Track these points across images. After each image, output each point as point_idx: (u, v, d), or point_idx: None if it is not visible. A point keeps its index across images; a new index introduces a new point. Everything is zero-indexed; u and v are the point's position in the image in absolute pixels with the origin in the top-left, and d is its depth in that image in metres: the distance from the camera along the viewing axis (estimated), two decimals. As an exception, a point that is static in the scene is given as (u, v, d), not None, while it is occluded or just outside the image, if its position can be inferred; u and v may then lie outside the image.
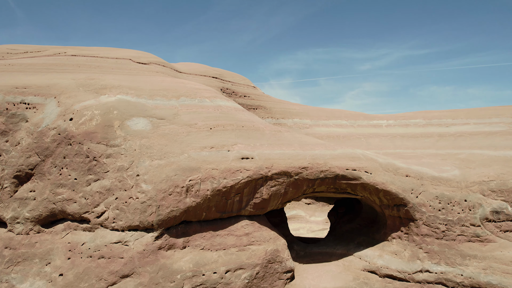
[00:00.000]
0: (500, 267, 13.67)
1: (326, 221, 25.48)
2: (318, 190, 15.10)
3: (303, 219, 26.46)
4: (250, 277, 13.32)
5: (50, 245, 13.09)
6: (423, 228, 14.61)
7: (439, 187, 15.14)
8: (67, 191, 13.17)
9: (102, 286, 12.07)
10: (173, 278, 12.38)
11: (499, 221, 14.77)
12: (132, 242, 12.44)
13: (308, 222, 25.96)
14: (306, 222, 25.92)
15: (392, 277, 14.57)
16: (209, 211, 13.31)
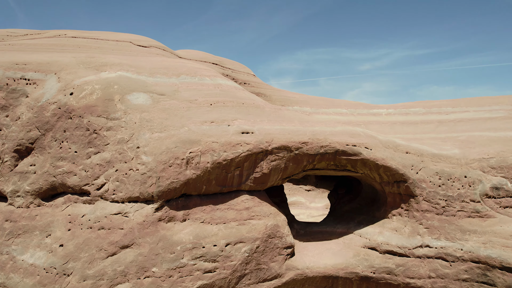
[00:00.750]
0: (500, 241, 13.69)
1: (326, 207, 25.54)
2: (319, 167, 15.10)
3: (303, 205, 26.47)
4: (250, 251, 13.32)
5: (50, 217, 13.09)
6: (423, 204, 14.62)
7: (439, 163, 15.15)
8: (67, 164, 13.17)
9: (102, 256, 12.08)
10: (173, 249, 12.38)
11: (499, 197, 14.80)
12: (132, 214, 12.44)
13: (308, 208, 25.98)
14: (306, 208, 25.93)
15: (392, 253, 14.58)
16: (209, 185, 13.32)
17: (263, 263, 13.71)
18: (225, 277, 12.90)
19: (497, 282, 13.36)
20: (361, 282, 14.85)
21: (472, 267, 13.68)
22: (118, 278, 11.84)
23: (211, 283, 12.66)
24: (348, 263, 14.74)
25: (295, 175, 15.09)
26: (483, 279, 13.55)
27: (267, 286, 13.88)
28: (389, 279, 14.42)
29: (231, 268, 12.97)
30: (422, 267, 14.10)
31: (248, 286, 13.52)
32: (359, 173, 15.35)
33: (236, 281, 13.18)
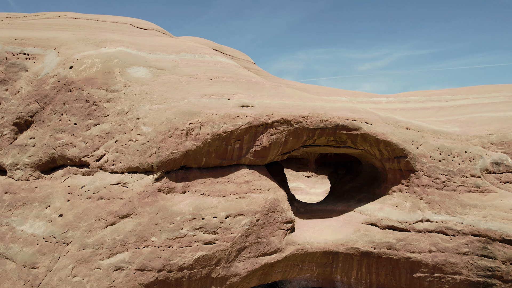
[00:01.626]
0: (500, 214, 13.65)
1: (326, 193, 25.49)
2: (319, 143, 15.06)
3: (303, 191, 26.42)
4: (250, 224, 13.28)
5: (49, 189, 13.05)
6: (423, 179, 14.58)
7: (440, 139, 15.12)
8: (67, 136, 13.14)
9: (101, 226, 12.03)
10: (173, 219, 12.34)
11: (499, 172, 14.76)
12: (131, 184, 12.40)
13: (308, 194, 25.94)
14: (306, 194, 25.88)
15: (393, 228, 14.54)
16: (209, 157, 13.27)
17: (263, 237, 13.66)
18: (224, 249, 12.85)
19: (497, 255, 13.31)
20: (361, 258, 14.81)
21: (472, 241, 13.63)
22: (117, 247, 11.79)
23: (211, 255, 12.61)
24: (348, 238, 14.69)
25: (295, 150, 15.04)
26: (484, 252, 13.50)
27: (267, 260, 13.83)
28: (389, 254, 14.37)
29: (231, 240, 12.92)
30: (422, 241, 14.06)
31: (248, 259, 13.47)
32: (359, 149, 15.30)
33: (236, 253, 13.13)
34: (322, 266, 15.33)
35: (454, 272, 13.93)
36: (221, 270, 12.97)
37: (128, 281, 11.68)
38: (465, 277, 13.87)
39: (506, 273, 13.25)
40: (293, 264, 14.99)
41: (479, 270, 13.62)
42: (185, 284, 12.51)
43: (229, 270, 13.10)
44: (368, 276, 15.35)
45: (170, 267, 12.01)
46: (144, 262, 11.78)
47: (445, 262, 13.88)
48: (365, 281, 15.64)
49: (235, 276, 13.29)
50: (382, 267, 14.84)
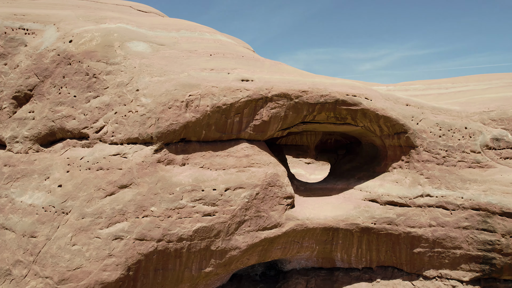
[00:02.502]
0: (500, 188, 13.63)
1: (326, 180, 25.45)
2: (319, 119, 15.03)
3: (303, 177, 26.37)
4: (250, 197, 13.24)
5: (49, 162, 13.02)
6: (423, 154, 14.56)
7: (440, 115, 15.11)
8: (66, 108, 13.11)
9: (100, 196, 12.00)
10: (172, 190, 12.31)
11: (499, 148, 14.75)
12: (131, 154, 12.37)
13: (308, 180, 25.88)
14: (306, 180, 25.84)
15: (393, 203, 14.51)
16: (208, 130, 13.24)
17: (263, 211, 13.63)
18: (224, 221, 12.81)
19: (497, 228, 13.29)
20: (361, 234, 14.78)
21: (472, 215, 13.61)
22: (116, 217, 11.76)
23: (210, 226, 12.58)
24: (348, 214, 14.66)
25: (295, 126, 15.01)
26: (483, 226, 13.48)
27: (267, 235, 13.80)
28: (389, 229, 14.34)
29: (230, 213, 12.89)
30: (422, 216, 14.03)
31: (248, 233, 13.43)
32: (359, 126, 15.27)
33: (236, 226, 13.10)
34: (322, 243, 15.29)
35: (454, 247, 13.91)
36: (221, 243, 12.93)
37: (127, 250, 11.64)
38: (465, 251, 13.85)
39: (506, 246, 13.22)
40: (293, 241, 14.95)
41: (479, 244, 13.60)
42: (185, 255, 12.48)
43: (228, 243, 13.06)
44: (369, 253, 15.32)
45: (169, 237, 11.98)
46: (143, 231, 11.74)
47: (445, 237, 13.85)
48: (365, 259, 15.60)
49: (235, 249, 13.26)
50: (383, 243, 14.81)
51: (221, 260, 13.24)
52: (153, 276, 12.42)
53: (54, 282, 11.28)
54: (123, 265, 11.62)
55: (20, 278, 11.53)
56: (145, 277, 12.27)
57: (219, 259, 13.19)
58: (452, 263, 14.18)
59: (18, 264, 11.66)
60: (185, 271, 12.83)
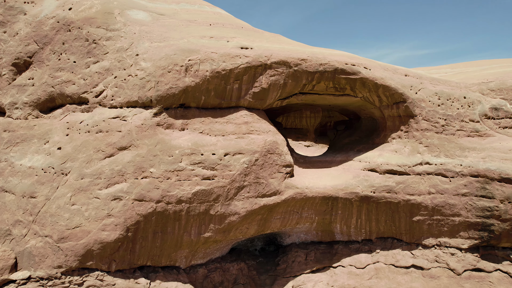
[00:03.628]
0: (499, 155, 13.66)
1: (325, 163, 25.44)
2: (318, 90, 15.05)
3: (302, 160, 26.38)
4: (249, 163, 13.26)
5: (48, 127, 13.04)
6: (422, 123, 14.58)
7: (439, 86, 15.14)
8: (66, 74, 13.13)
9: (99, 157, 12.02)
10: (171, 152, 12.32)
11: (498, 118, 14.78)
12: (130, 117, 12.39)
13: (307, 162, 25.91)
14: (305, 163, 25.85)
15: (392, 172, 14.53)
16: (208, 96, 13.27)
17: (262, 177, 13.64)
18: (223, 186, 12.82)
19: (496, 194, 13.31)
20: (361, 203, 14.79)
21: (471, 181, 13.63)
22: (115, 178, 11.77)
23: (210, 190, 12.59)
24: (348, 183, 14.68)
25: (294, 96, 15.03)
26: (482, 193, 13.50)
27: (266, 202, 13.80)
28: (389, 198, 14.36)
29: (229, 178, 12.90)
30: (422, 183, 14.05)
31: (247, 199, 13.44)
32: (358, 97, 15.30)
33: (235, 192, 13.11)
34: (322, 213, 15.30)
35: (453, 214, 13.93)
36: (220, 208, 12.95)
37: (126, 210, 11.66)
38: (464, 219, 13.86)
39: (505, 212, 13.24)
40: (292, 211, 14.96)
41: (477, 210, 13.61)
42: (184, 218, 12.49)
43: (228, 208, 13.07)
44: (368, 224, 15.33)
45: (168, 199, 11.99)
46: (142, 192, 11.76)
47: (444, 204, 13.87)
48: (364, 230, 15.61)
49: (234, 215, 13.27)
50: (382, 213, 14.83)
51: (220, 226, 13.25)
52: (152, 239, 12.43)
53: (54, 241, 11.29)
54: (122, 225, 11.63)
55: (20, 238, 11.54)
56: (144, 239, 12.28)
57: (218, 224, 13.20)
58: (451, 231, 14.19)
59: (18, 224, 11.67)
60: (184, 235, 12.84)
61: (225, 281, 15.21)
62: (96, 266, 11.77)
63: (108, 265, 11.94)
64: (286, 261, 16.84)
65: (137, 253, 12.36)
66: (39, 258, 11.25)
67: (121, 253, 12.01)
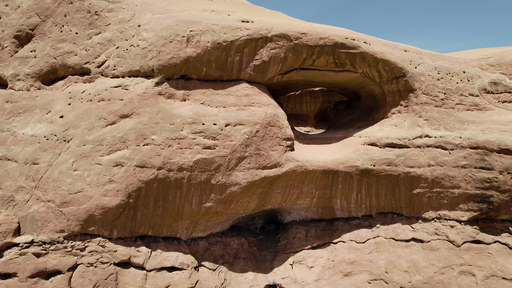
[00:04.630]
0: (498, 127, 13.75)
1: (326, 148, 25.48)
2: (318, 65, 15.14)
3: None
4: (250, 134, 13.34)
5: (50, 97, 13.12)
6: (422, 97, 14.67)
7: (438, 61, 15.23)
8: (68, 45, 13.22)
9: (101, 125, 12.10)
10: (173, 121, 12.41)
11: (497, 92, 14.88)
12: (132, 86, 12.48)
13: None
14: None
15: (392, 145, 14.61)
16: (209, 67, 13.36)
17: (263, 149, 13.72)
18: (224, 156, 12.90)
19: (495, 166, 13.39)
20: (361, 177, 14.87)
21: (470, 153, 13.71)
22: (117, 144, 11.85)
23: (211, 159, 12.67)
24: (348, 157, 14.76)
25: (294, 70, 15.12)
26: (481, 164, 13.58)
27: (267, 174, 13.87)
28: (389, 170, 14.44)
29: (230, 148, 12.98)
30: (421, 156, 14.13)
31: (248, 170, 13.51)
32: (358, 72, 15.39)
33: (236, 162, 13.18)
34: (322, 188, 15.38)
35: (452, 186, 14.01)
36: (221, 177, 13.02)
37: (127, 176, 11.73)
38: (463, 191, 13.94)
39: (503, 182, 13.33)
40: (292, 185, 15.03)
41: (477, 182, 13.70)
42: (185, 186, 12.56)
43: (228, 178, 13.15)
44: (368, 199, 15.41)
45: (170, 166, 12.07)
46: (144, 159, 11.84)
47: (444, 176, 13.95)
48: (365, 205, 15.69)
49: (235, 185, 13.34)
50: (382, 186, 14.91)
51: (221, 196, 13.32)
52: (153, 207, 12.50)
53: (56, 205, 11.36)
54: (124, 191, 11.70)
55: (22, 203, 11.61)
56: (145, 207, 12.35)
57: (219, 195, 13.27)
58: (451, 203, 14.27)
59: (21, 190, 11.74)
60: (185, 204, 12.92)
61: (226, 254, 15.27)
62: (98, 232, 11.84)
63: (110, 231, 12.01)
64: (286, 237, 16.90)
65: (138, 221, 12.44)
66: (41, 222, 11.33)
67: (123, 220, 12.09)
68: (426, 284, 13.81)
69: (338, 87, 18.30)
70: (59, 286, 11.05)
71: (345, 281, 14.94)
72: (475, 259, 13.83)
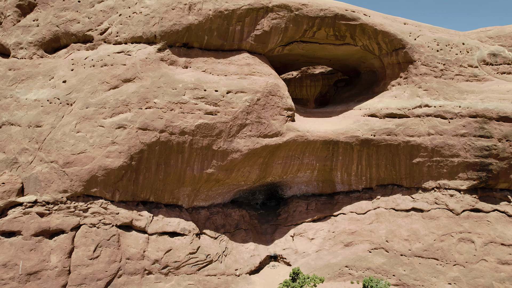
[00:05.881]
0: (497, 96, 13.86)
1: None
2: (318, 38, 15.24)
3: (302, 129, 26.56)
4: (251, 101, 13.45)
5: (53, 65, 13.21)
6: (421, 68, 14.80)
7: (437, 33, 15.36)
8: (71, 13, 13.31)
9: (104, 88, 12.20)
10: (175, 85, 12.51)
11: (496, 64, 15.01)
12: (134, 52, 12.59)
13: (307, 131, 26.10)
14: (306, 131, 26.06)
15: (392, 115, 14.71)
16: (211, 35, 13.47)
17: (264, 118, 13.82)
18: (226, 122, 13.00)
19: (494, 133, 13.50)
20: (361, 148, 14.97)
21: (470, 122, 13.82)
22: (120, 107, 11.95)
23: (212, 125, 12.77)
24: (348, 128, 14.87)
25: (295, 42, 15.23)
26: (481, 133, 13.69)
27: (268, 142, 13.96)
28: (389, 140, 14.55)
29: (232, 114, 13.08)
30: (421, 125, 14.25)
31: (249, 137, 13.61)
32: (358, 45, 15.50)
33: (237, 129, 13.28)
34: (322, 159, 15.48)
35: (452, 155, 14.12)
36: (223, 143, 13.12)
37: (130, 139, 11.83)
38: (462, 159, 14.05)
39: (502, 150, 13.44)
40: (293, 156, 15.13)
41: (476, 150, 13.80)
42: (187, 150, 12.66)
43: (230, 144, 13.25)
44: (368, 170, 15.51)
45: (172, 129, 12.17)
46: (146, 121, 11.94)
47: (444, 144, 14.06)
48: (365, 177, 15.79)
49: (236, 152, 13.44)
50: (382, 157, 15.01)
51: (223, 162, 13.42)
52: (155, 171, 12.59)
53: (59, 166, 11.45)
54: (126, 153, 11.80)
55: (26, 165, 11.70)
56: (147, 170, 12.45)
57: (220, 161, 13.37)
58: (450, 172, 14.38)
59: (24, 152, 11.83)
60: (187, 169, 13.02)
61: (227, 224, 15.36)
62: (100, 194, 11.94)
63: (112, 194, 12.11)
64: (287, 211, 16.98)
65: (141, 185, 12.54)
66: (45, 183, 11.42)
67: (125, 183, 12.18)
68: (426, 251, 13.91)
69: (338, 63, 18.43)
70: (63, 245, 11.14)
71: (345, 250, 15.03)
72: (474, 226, 13.94)
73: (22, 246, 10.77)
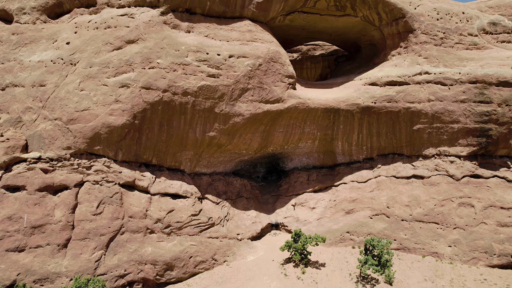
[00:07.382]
0: (497, 62, 14.00)
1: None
2: (319, 7, 15.39)
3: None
4: (253, 66, 13.57)
5: (56, 29, 13.34)
6: (421, 37, 14.92)
7: (437, 3, 15.48)
8: (74, -22, 13.42)
9: (108, 49, 12.31)
10: (178, 47, 12.63)
11: (496, 33, 15.13)
12: (138, 15, 12.72)
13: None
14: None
15: (392, 83, 14.85)
16: (213, 1, 13.59)
17: (266, 83, 13.94)
18: (228, 85, 13.13)
19: (494, 98, 13.63)
20: (362, 115, 15.09)
21: (469, 88, 13.95)
22: (123, 67, 12.07)
23: (215, 87, 12.90)
24: (349, 96, 15.00)
25: (296, 12, 15.35)
26: (480, 98, 13.81)
27: (269, 108, 14.09)
28: (389, 107, 14.66)
29: (234, 78, 13.21)
30: (421, 91, 14.37)
31: (251, 102, 13.72)
32: (358, 16, 15.64)
33: (239, 93, 13.40)
34: (324, 128, 15.59)
35: (452, 121, 14.23)
36: (225, 107, 13.24)
37: (133, 97, 11.95)
38: (463, 125, 14.17)
39: (502, 115, 13.56)
40: (294, 124, 15.25)
41: (476, 116, 13.92)
42: (189, 112, 12.78)
43: (232, 108, 13.37)
44: (369, 139, 15.62)
45: (174, 89, 12.29)
46: (150, 80, 12.06)
47: (444, 111, 14.18)
48: (366, 147, 15.90)
49: (238, 116, 13.55)
50: (383, 125, 15.13)
51: (225, 126, 13.54)
52: (158, 132, 12.70)
53: (63, 122, 11.56)
54: (129, 111, 11.91)
55: (30, 123, 11.81)
56: (150, 130, 12.56)
57: (222, 124, 13.49)
58: (450, 139, 14.49)
59: (28, 111, 11.94)
60: (190, 131, 13.13)
61: (229, 191, 15.45)
62: (103, 152, 12.05)
63: (115, 152, 12.22)
64: (288, 182, 17.07)
65: (143, 145, 12.65)
66: (48, 140, 11.52)
67: (128, 142, 12.29)
68: (426, 216, 14.00)
69: (339, 38, 18.55)
70: (67, 200, 11.24)
71: (347, 217, 15.12)
72: (474, 191, 14.04)
73: (27, 200, 10.87)
